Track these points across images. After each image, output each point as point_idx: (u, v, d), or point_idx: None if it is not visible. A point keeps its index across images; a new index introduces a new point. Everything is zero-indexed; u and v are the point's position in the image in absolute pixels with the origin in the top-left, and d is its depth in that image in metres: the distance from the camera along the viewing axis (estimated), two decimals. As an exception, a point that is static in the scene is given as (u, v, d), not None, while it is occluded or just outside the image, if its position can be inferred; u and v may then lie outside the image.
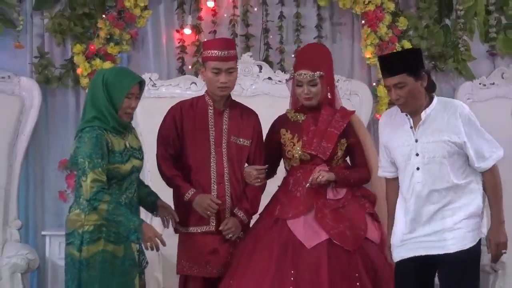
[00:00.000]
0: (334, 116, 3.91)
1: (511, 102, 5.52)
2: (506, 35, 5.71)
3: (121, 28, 5.24)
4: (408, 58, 3.51)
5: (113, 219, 3.40)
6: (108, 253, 3.48)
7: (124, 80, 3.58)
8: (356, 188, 3.93)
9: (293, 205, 3.79)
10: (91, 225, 3.47)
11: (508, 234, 5.19)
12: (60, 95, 5.43)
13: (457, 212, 3.33)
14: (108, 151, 3.48)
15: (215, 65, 3.87)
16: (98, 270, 3.46)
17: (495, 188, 3.40)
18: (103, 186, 3.40)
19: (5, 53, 5.43)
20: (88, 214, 3.47)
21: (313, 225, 3.75)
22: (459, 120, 3.32)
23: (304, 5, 5.63)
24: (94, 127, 3.48)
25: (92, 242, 3.47)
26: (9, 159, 5.10)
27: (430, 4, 5.52)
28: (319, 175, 3.77)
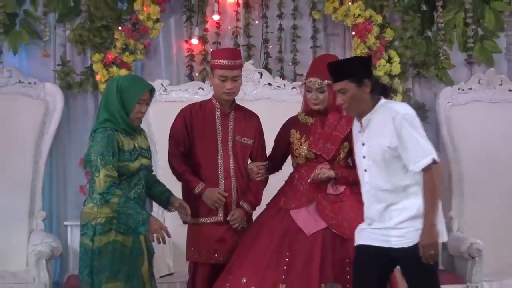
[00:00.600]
0: (340, 121, 3.92)
1: (487, 105, 5.51)
2: (482, 45, 5.73)
3: (136, 39, 5.23)
4: (350, 66, 3.45)
5: (123, 212, 3.43)
6: (118, 243, 3.49)
7: (136, 87, 3.60)
8: (355, 186, 3.87)
9: (296, 197, 3.82)
10: (103, 217, 3.50)
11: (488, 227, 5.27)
12: (80, 99, 5.43)
13: (402, 213, 3.26)
14: (118, 150, 3.51)
15: (222, 73, 3.89)
16: (109, 259, 3.47)
17: (430, 191, 3.22)
18: (114, 181, 3.44)
19: (32, 61, 5.43)
20: (101, 208, 3.49)
21: (313, 215, 3.77)
22: (393, 125, 3.22)
23: (300, 18, 5.64)
24: (106, 128, 3.51)
25: (103, 233, 3.50)
26: (35, 157, 5.10)
27: (413, 17, 5.52)
28: (320, 172, 3.80)
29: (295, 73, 5.59)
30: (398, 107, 3.32)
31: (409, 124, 3.22)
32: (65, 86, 5.30)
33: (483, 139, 5.41)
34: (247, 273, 3.69)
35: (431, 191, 3.23)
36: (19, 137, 5.10)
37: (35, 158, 5.11)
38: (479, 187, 5.38)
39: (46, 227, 5.11)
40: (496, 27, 5.74)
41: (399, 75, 5.45)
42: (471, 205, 5.38)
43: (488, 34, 5.75)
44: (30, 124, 5.12)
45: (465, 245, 4.77)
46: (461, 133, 5.46)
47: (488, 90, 5.55)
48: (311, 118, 3.95)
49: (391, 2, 5.52)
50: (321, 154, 3.87)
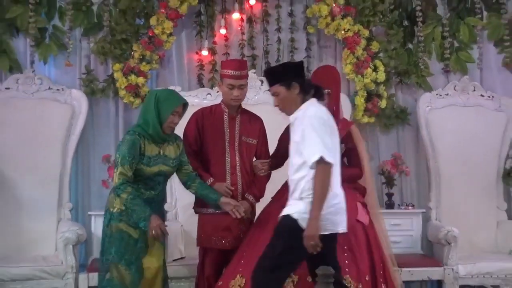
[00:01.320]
0: (337, 125, 3.93)
1: (461, 109, 5.51)
2: (458, 56, 5.74)
3: (151, 50, 5.24)
4: (280, 71, 3.50)
5: (129, 207, 3.47)
6: (125, 234, 3.57)
7: (172, 100, 3.65)
8: (350, 182, 3.92)
9: None
10: (118, 208, 3.56)
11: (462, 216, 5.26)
12: (103, 104, 5.44)
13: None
14: (140, 153, 3.55)
15: (230, 82, 3.92)
16: (116, 244, 3.56)
17: (316, 186, 3.20)
18: (127, 179, 3.49)
19: (60, 70, 5.43)
20: (117, 199, 3.56)
21: None
22: (300, 123, 3.28)
23: (296, 32, 5.64)
24: (135, 132, 3.58)
25: (116, 222, 3.58)
26: (62, 155, 5.11)
27: (397, 31, 5.52)
28: None
29: (292, 80, 5.57)
30: (309, 110, 3.33)
31: (311, 125, 3.24)
32: (89, 92, 5.30)
33: (458, 139, 5.44)
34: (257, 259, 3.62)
35: (318, 186, 3.21)
36: (48, 137, 5.08)
37: (63, 156, 5.11)
38: (454, 181, 5.40)
39: (73, 216, 5.12)
40: (470, 40, 5.75)
41: (384, 82, 5.45)
42: (447, 197, 5.39)
43: (462, 46, 5.76)
44: (58, 126, 5.12)
45: (442, 232, 4.78)
46: (439, 133, 5.47)
47: (462, 96, 5.55)
48: None
49: (377, 18, 5.50)
50: None
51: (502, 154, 5.52)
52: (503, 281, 4.79)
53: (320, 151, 3.17)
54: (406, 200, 5.56)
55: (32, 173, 5.00)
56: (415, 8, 5.63)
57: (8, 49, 5.30)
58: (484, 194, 5.43)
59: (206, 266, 4.04)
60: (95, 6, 5.42)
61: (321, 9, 5.37)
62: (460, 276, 4.71)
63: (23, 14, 5.26)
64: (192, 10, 5.47)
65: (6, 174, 4.95)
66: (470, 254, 4.94)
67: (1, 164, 4.96)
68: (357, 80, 5.41)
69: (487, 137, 5.49)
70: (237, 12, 5.56)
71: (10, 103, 5.09)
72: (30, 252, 4.80)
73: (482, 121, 5.51)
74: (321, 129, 3.24)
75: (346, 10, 5.40)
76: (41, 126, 5.07)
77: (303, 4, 5.62)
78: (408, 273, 4.56)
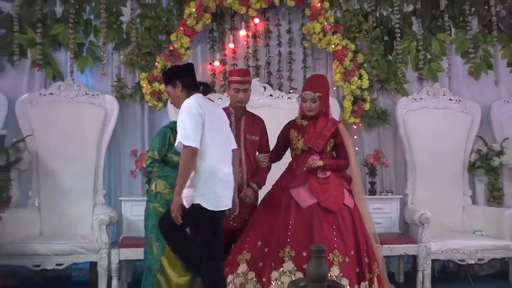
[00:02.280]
0: (327, 124, 3.95)
1: (433, 111, 5.51)
2: (430, 66, 5.76)
3: (172, 62, 5.24)
4: (166, 74, 3.64)
5: (163, 175, 3.59)
6: (159, 213, 3.62)
7: None
8: (338, 172, 3.97)
9: (294, 179, 3.87)
10: (154, 191, 3.66)
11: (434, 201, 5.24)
12: (131, 107, 5.46)
13: None
14: (169, 144, 3.64)
15: (236, 86, 3.95)
16: (151, 220, 3.68)
17: (181, 166, 3.22)
18: (155, 160, 3.63)
19: (95, 78, 5.47)
20: (153, 184, 3.65)
21: (308, 193, 3.82)
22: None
23: (294, 46, 5.62)
24: (168, 127, 3.76)
25: (153, 202, 3.67)
26: (97, 150, 5.14)
27: (378, 45, 5.54)
28: (312, 163, 3.86)
29: (290, 87, 5.55)
30: (184, 102, 3.36)
31: (180, 114, 3.30)
32: (119, 97, 5.34)
33: (430, 136, 5.45)
34: (261, 237, 3.75)
35: (181, 166, 3.24)
36: (85, 135, 5.10)
37: (97, 151, 5.14)
38: (427, 172, 5.41)
39: (106, 201, 5.16)
40: (440, 53, 5.77)
41: (367, 88, 5.45)
42: (421, 185, 5.41)
43: (434, 57, 5.77)
44: (93, 126, 5.15)
45: (416, 215, 4.77)
46: (414, 131, 5.47)
47: (434, 99, 5.56)
48: (306, 121, 4.00)
49: (362, 34, 5.52)
50: (313, 147, 3.91)
51: (467, 149, 5.54)
52: (468, 256, 4.80)
53: (181, 137, 3.22)
54: (386, 187, 5.57)
55: (71, 165, 5.02)
56: (394, 25, 5.66)
57: (51, 61, 5.37)
58: (452, 182, 5.45)
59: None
60: (124, 24, 5.47)
61: (315, 27, 5.39)
62: (432, 251, 4.71)
63: (64, 32, 5.34)
64: (206, 28, 5.47)
65: (50, 167, 4.99)
66: (440, 233, 4.93)
67: (46, 158, 4.99)
68: (345, 86, 5.42)
69: (455, 134, 5.51)
70: (244, 29, 5.58)
71: (53, 106, 5.13)
72: (71, 231, 4.83)
73: (450, 121, 5.52)
74: (187, 117, 3.25)
75: (335, 27, 5.42)
76: (79, 126, 5.10)
77: (300, 22, 5.62)
78: (388, 249, 4.56)
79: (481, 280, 5.19)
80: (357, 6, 5.66)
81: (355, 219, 3.85)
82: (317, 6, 5.38)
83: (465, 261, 4.85)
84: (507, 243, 4.83)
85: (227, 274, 3.69)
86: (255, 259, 3.70)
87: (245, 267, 3.69)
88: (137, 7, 5.45)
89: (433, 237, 4.77)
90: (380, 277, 3.82)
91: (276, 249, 3.68)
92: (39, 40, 5.28)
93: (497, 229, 4.95)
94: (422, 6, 5.74)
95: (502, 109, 5.68)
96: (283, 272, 3.61)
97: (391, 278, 4.55)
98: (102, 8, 5.34)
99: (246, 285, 3.64)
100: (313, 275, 2.78)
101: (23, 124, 5.06)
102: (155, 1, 5.45)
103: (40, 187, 5.01)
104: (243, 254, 3.74)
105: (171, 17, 5.40)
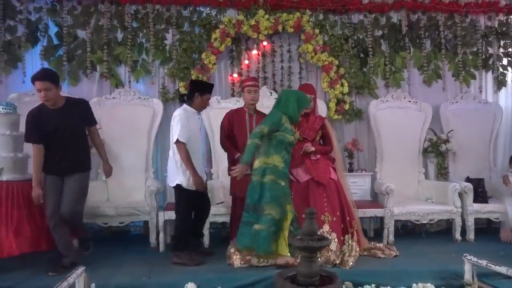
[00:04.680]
0: (316, 119, 3.96)
1: (396, 110, 5.45)
2: (394, 76, 5.68)
3: (202, 74, 5.24)
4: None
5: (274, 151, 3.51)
6: (276, 184, 3.51)
7: (305, 100, 3.71)
8: (325, 155, 3.97)
9: (294, 162, 3.83)
10: (271, 165, 3.54)
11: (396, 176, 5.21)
12: (172, 107, 5.32)
13: None
14: (281, 125, 3.52)
15: (248, 88, 3.96)
16: (266, 190, 3.50)
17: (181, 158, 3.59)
18: (261, 134, 3.48)
19: (146, 86, 5.44)
20: (270, 157, 3.53)
21: (304, 171, 3.83)
22: None
23: (292, 62, 5.55)
24: (280, 111, 3.59)
25: (269, 175, 3.53)
26: (148, 139, 5.12)
27: (355, 61, 5.50)
28: (307, 148, 3.86)
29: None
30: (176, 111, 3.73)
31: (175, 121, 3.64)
32: (164, 100, 5.30)
33: (394, 128, 5.41)
34: None
35: (181, 158, 3.60)
36: (139, 128, 5.10)
37: (148, 140, 5.13)
38: (391, 155, 5.38)
39: (155, 176, 5.13)
40: (402, 66, 5.69)
41: (347, 93, 5.43)
42: (387, 165, 5.37)
43: (397, 70, 5.69)
44: (144, 121, 5.14)
45: (383, 187, 4.76)
46: (382, 125, 5.43)
47: (397, 101, 5.51)
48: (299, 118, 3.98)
49: (343, 52, 5.47)
50: (307, 137, 3.91)
51: (422, 138, 5.48)
52: (422, 217, 4.77)
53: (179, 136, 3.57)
54: (361, 166, 5.56)
55: (129, 150, 5.03)
56: (367, 46, 5.61)
57: (115, 73, 5.36)
58: (410, 163, 5.40)
59: (236, 208, 4.08)
60: (167, 46, 5.44)
61: (308, 47, 5.37)
62: (394, 214, 4.68)
63: (124, 52, 5.33)
64: (227, 49, 5.44)
65: (114, 151, 4.98)
66: (401, 201, 4.90)
67: (111, 145, 4.98)
68: (331, 92, 5.40)
69: (412, 127, 5.46)
70: (255, 49, 5.53)
71: (115, 107, 5.14)
72: (129, 199, 4.84)
73: (409, 117, 5.46)
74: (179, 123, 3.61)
75: (323, 48, 5.39)
76: (134, 121, 5.10)
77: (297, 44, 5.56)
78: (362, 212, 4.55)
79: (431, 235, 5.16)
80: (340, 32, 5.61)
81: (339, 189, 3.88)
82: (309, 32, 5.36)
83: (419, 221, 4.82)
84: (450, 208, 4.79)
85: None
86: None
87: None
88: (177, 33, 5.41)
89: (395, 204, 4.73)
90: (357, 232, 3.90)
91: None
92: (105, 58, 5.28)
93: (443, 198, 4.92)
94: (389, 31, 5.69)
95: (448, 108, 5.63)
96: (288, 231, 3.62)
97: (364, 233, 4.53)
98: (151, 34, 5.33)
99: None
100: (306, 231, 2.78)
101: (94, 120, 5.07)
102: (190, 29, 5.43)
103: (107, 166, 5.04)
104: None
105: (202, 40, 5.37)
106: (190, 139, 3.66)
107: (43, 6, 5.27)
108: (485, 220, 5.18)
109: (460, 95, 5.70)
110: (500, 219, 4.86)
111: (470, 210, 4.82)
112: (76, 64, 5.28)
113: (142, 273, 3.55)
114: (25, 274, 3.56)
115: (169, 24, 5.40)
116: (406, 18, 5.64)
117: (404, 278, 3.38)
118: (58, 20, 5.28)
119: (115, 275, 3.51)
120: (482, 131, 5.56)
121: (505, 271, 3.01)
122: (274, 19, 5.33)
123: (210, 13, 5.44)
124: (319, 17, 5.54)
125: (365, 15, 5.65)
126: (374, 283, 3.26)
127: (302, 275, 2.68)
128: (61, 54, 5.26)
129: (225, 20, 5.30)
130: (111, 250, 4.37)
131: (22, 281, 3.38)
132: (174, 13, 5.38)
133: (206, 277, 3.36)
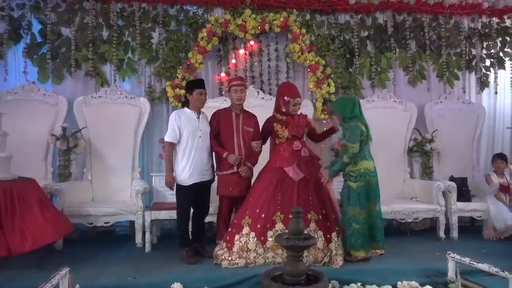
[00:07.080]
0: (300, 118, 3.96)
1: (382, 110, 5.47)
2: (380, 77, 5.71)
3: (189, 73, 5.22)
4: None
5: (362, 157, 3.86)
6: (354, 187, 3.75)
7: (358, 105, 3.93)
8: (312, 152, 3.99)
9: (285, 160, 3.84)
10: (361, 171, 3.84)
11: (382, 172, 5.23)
12: (159, 107, 5.38)
13: None
14: (362, 132, 3.82)
15: (235, 88, 3.93)
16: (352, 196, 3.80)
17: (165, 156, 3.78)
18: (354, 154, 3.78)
19: (132, 85, 5.39)
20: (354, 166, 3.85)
21: (296, 169, 3.82)
22: None
23: (280, 61, 5.56)
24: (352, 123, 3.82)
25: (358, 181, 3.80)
26: (134, 138, 5.08)
27: (342, 61, 5.52)
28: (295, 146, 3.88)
29: (277, 92, 5.55)
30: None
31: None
32: (150, 99, 5.27)
33: (379, 128, 5.35)
34: (259, 206, 3.72)
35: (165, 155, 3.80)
36: (125, 127, 5.05)
37: (135, 138, 5.09)
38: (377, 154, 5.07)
39: (141, 176, 5.07)
40: (387, 67, 5.73)
41: (334, 93, 5.43)
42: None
43: (383, 70, 5.73)
44: (131, 120, 5.10)
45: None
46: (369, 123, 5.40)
47: (383, 101, 5.54)
48: (284, 116, 3.97)
49: (330, 52, 5.48)
50: (296, 135, 3.91)
51: (407, 137, 5.52)
52: (407, 216, 4.79)
53: (167, 136, 3.78)
54: (347, 166, 5.58)
55: (115, 149, 4.99)
56: (354, 46, 5.63)
57: (100, 72, 5.30)
58: (395, 162, 5.43)
59: (223, 208, 4.07)
60: (154, 45, 5.39)
61: (295, 47, 5.37)
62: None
63: (109, 50, 5.27)
64: (215, 48, 5.42)
65: (100, 150, 4.96)
66: (387, 199, 4.90)
67: (97, 144, 4.95)
68: (317, 91, 5.40)
69: (398, 127, 5.49)
70: (242, 49, 5.52)
71: (101, 106, 5.08)
72: (115, 198, 4.81)
73: (394, 117, 5.50)
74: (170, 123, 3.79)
75: (310, 48, 5.40)
76: (121, 120, 5.05)
77: (284, 44, 5.56)
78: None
79: (416, 233, 5.20)
80: (326, 32, 5.62)
81: (323, 187, 3.86)
82: (296, 32, 5.36)
83: (404, 220, 4.84)
84: (435, 207, 4.83)
85: (234, 234, 3.70)
86: (255, 222, 3.69)
87: (247, 229, 3.68)
88: (163, 32, 5.37)
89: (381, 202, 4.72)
90: (343, 229, 3.85)
91: (270, 214, 3.68)
92: (90, 56, 5.22)
93: (428, 196, 4.95)
94: (374, 32, 5.72)
95: (432, 108, 5.68)
96: (276, 231, 3.63)
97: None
98: (137, 32, 5.28)
99: (249, 242, 3.64)
100: (293, 230, 2.77)
101: (79, 119, 5.01)
102: (177, 28, 5.39)
103: (92, 165, 4.97)
104: (245, 219, 3.73)
105: (188, 40, 5.34)
106: (182, 138, 3.80)
107: (26, 3, 5.18)
108: (469, 219, 5.25)
109: (444, 96, 5.77)
110: (483, 217, 4.93)
111: (454, 209, 4.87)
112: (60, 62, 5.21)
113: (128, 273, 3.50)
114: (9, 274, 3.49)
115: (155, 22, 5.36)
116: (392, 19, 5.69)
117: (389, 276, 3.40)
118: (42, 17, 5.20)
119: (100, 276, 3.45)
120: (466, 131, 5.63)
121: (487, 268, 3.05)
122: (261, 19, 5.33)
123: (197, 12, 5.42)
124: (306, 17, 5.56)
125: (351, 16, 5.69)
126: (359, 281, 3.27)
127: (288, 274, 2.67)
128: (45, 52, 5.18)
129: (212, 19, 5.28)
130: (96, 250, 4.32)
131: (5, 282, 3.31)
132: (161, 11, 5.35)
133: (192, 277, 3.33)
